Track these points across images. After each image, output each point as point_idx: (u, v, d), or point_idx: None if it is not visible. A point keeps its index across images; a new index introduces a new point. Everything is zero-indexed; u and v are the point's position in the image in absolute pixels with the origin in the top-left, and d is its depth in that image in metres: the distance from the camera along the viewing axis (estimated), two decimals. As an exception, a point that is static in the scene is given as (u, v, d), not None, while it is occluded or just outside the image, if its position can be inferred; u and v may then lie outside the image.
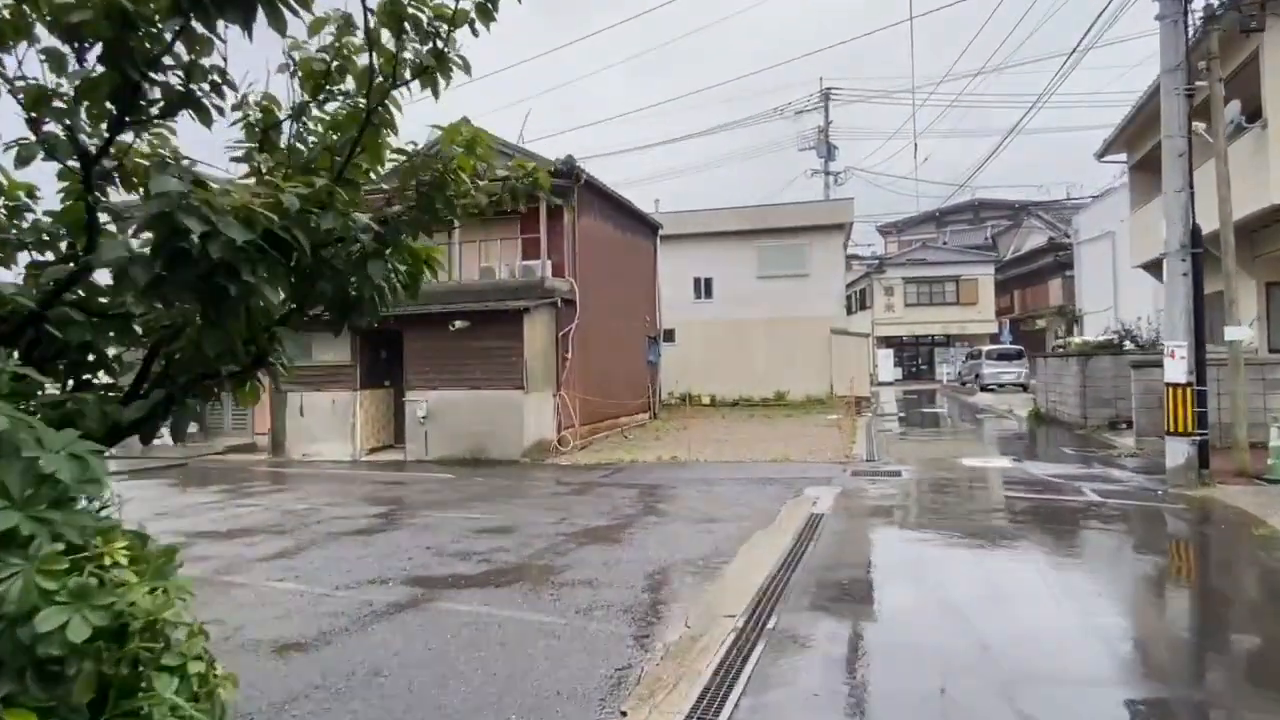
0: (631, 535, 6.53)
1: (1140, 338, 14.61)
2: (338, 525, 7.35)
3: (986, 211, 52.83)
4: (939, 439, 14.23)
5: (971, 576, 5.26)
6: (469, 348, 13.16)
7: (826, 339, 24.62)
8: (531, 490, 9.26)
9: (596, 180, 15.55)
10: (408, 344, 13.65)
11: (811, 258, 25.13)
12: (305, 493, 9.73)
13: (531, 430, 12.94)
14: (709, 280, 26.10)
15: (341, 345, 14.30)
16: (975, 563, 5.61)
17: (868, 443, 13.20)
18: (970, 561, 5.65)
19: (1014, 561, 5.62)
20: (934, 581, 5.10)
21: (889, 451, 12.18)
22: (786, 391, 24.67)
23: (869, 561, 5.82)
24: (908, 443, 13.71)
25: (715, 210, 26.09)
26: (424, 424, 13.41)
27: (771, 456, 11.70)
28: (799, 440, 13.88)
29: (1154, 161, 17.01)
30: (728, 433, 15.79)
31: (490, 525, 7.10)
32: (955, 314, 39.77)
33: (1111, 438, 12.77)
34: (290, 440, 14.61)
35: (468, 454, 13.08)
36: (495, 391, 12.95)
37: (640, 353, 19.12)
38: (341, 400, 14.25)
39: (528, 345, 12.89)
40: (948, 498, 8.11)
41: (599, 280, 16.06)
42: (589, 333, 15.33)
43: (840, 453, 11.86)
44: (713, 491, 8.86)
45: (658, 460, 11.84)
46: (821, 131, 35.16)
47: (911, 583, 5.15)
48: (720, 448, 13.18)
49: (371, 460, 13.79)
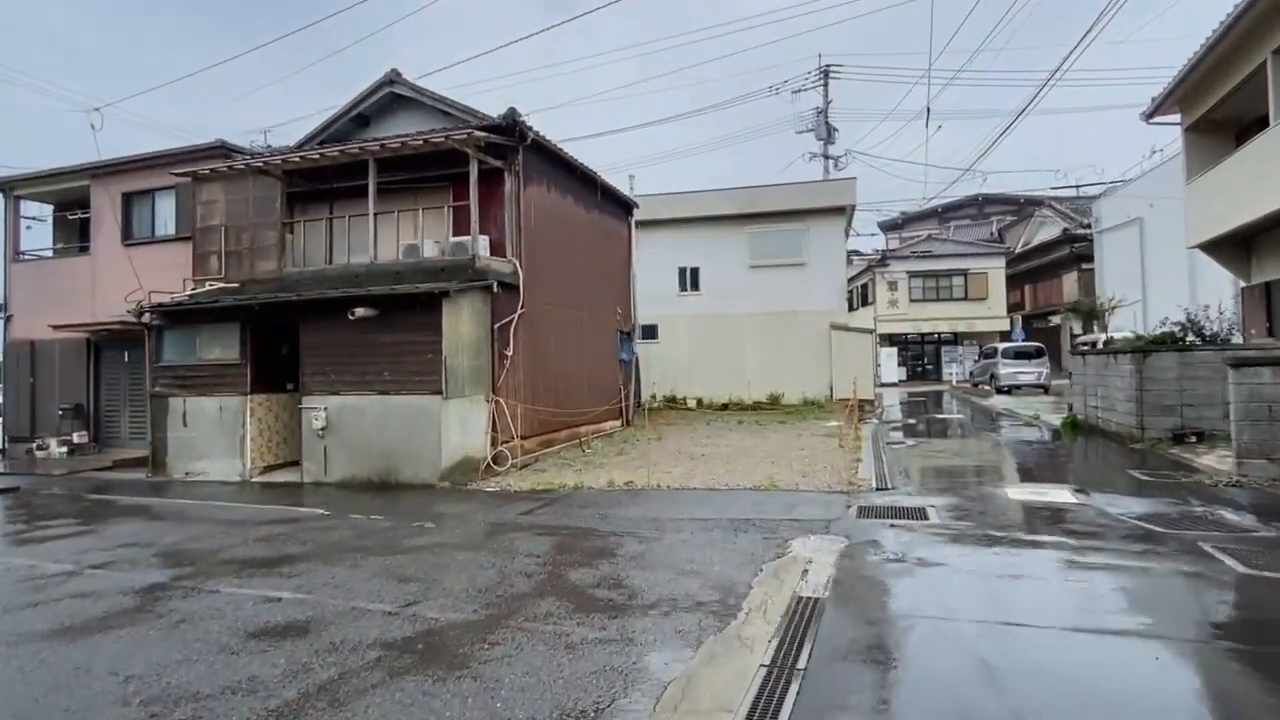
0: (488, 654, 3.86)
1: (1209, 329, 11.96)
2: (50, 615, 4.72)
3: (991, 206, 50.11)
4: (964, 455, 11.57)
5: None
6: (377, 343, 10.51)
7: (826, 335, 21.97)
8: (410, 541, 6.60)
9: (550, 142, 12.90)
10: (304, 337, 11.00)
11: (809, 245, 22.47)
12: (106, 538, 7.08)
13: (454, 446, 10.28)
14: (695, 270, 23.45)
15: (229, 339, 11.66)
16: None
17: (875, 461, 10.54)
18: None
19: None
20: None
21: (903, 473, 9.53)
22: (781, 394, 22.02)
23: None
24: (925, 460, 11.05)
25: (701, 192, 23.43)
26: (323, 437, 10.77)
27: (754, 481, 9.05)
28: (791, 456, 11.22)
29: (1217, 122, 14.48)
30: (707, 445, 13.13)
31: (284, 620, 4.45)
32: (964, 310, 37.03)
33: (1184, 455, 10.13)
34: (172, 455, 11.96)
35: (375, 475, 10.44)
36: (407, 397, 10.30)
37: (610, 350, 16.46)
38: (230, 408, 11.59)
39: (448, 339, 10.23)
40: (1007, 561, 5.46)
41: (555, 264, 13.42)
42: (540, 326, 12.69)
43: (841, 475, 9.21)
44: (661, 542, 6.22)
45: (609, 485, 9.20)
46: (820, 112, 32.45)
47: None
48: (693, 467, 10.53)
49: (265, 481, 11.15)
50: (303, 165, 12.05)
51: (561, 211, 13.92)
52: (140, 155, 14.84)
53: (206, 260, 12.95)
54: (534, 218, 12.54)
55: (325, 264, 12.53)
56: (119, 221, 15.00)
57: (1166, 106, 14.17)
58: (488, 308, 11.19)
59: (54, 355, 15.76)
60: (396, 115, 13.55)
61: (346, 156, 11.62)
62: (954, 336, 37.97)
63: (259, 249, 12.55)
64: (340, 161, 11.81)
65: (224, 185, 12.83)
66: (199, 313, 11.80)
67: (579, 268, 14.68)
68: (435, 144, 11.00)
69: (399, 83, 13.22)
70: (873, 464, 10.24)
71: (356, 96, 13.49)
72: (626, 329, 17.55)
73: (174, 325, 12.17)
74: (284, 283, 12.04)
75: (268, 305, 11.05)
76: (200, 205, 13.02)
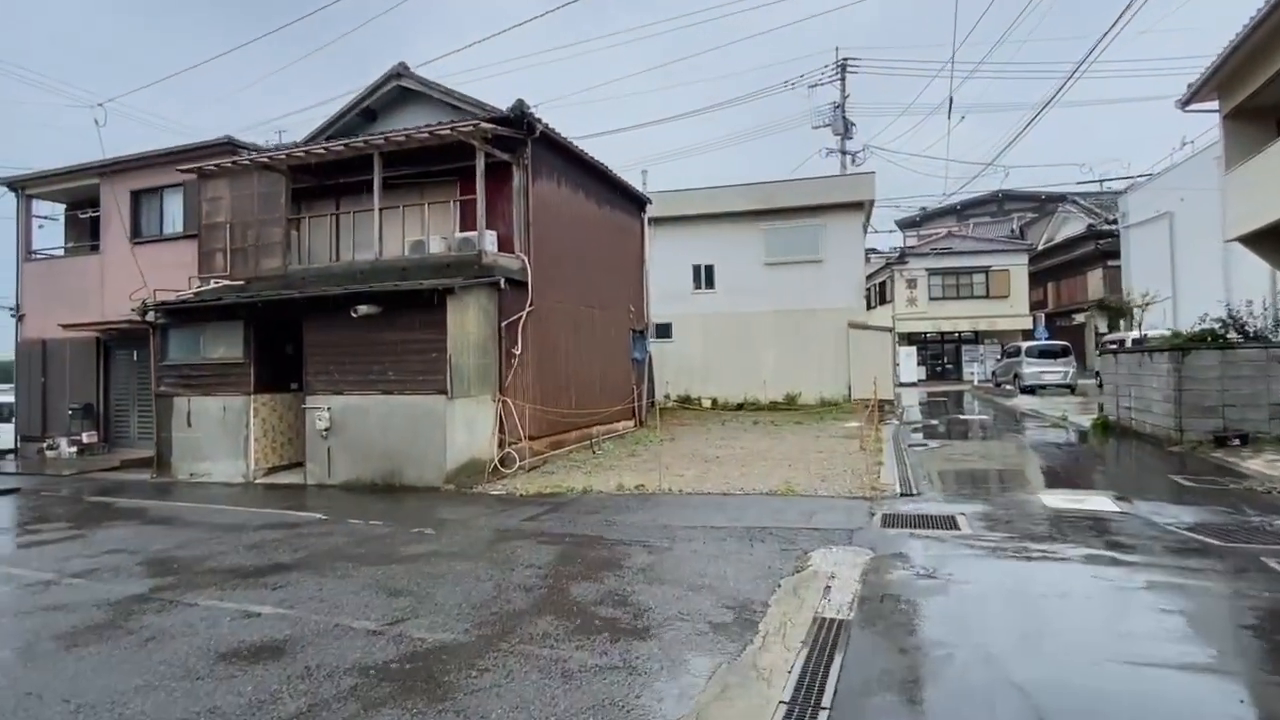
0: (475, 683, 3.50)
1: (1251, 326, 11.33)
2: (16, 631, 4.42)
3: (1012, 203, 49.06)
4: (991, 458, 11.05)
5: None
6: (381, 341, 10.21)
7: (844, 334, 21.44)
8: (407, 549, 6.26)
9: (559, 135, 12.54)
10: (308, 336, 10.73)
11: (827, 241, 21.94)
12: (93, 544, 6.82)
13: (459, 447, 9.95)
14: (710, 268, 23.00)
15: (233, 338, 11.43)
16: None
17: (898, 464, 10.07)
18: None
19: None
20: None
21: (928, 478, 9.06)
22: (798, 394, 21.52)
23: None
24: (950, 463, 10.56)
25: (716, 189, 22.97)
26: (326, 438, 10.49)
27: (770, 485, 8.63)
28: (809, 459, 10.77)
29: (1258, 109, 13.80)
30: (722, 446, 12.71)
31: (260, 639, 4.11)
32: (985, 308, 36.21)
33: (1228, 459, 9.56)
34: (177, 456, 11.76)
35: (379, 478, 10.14)
36: (411, 397, 9.99)
37: (622, 349, 16.09)
38: (234, 408, 11.36)
39: (453, 338, 9.90)
40: (1049, 578, 5.00)
41: (565, 260, 13.07)
42: (549, 324, 12.34)
43: (863, 479, 8.76)
44: (671, 552, 5.83)
45: (618, 489, 8.82)
46: (837, 106, 31.87)
47: None
48: (706, 469, 10.13)
49: (268, 483, 10.90)
50: (308, 160, 11.78)
51: (572, 206, 13.56)
52: (148, 153, 14.68)
53: (212, 258, 12.73)
54: (543, 213, 12.19)
55: (331, 261, 12.26)
56: (127, 220, 14.86)
57: (1204, 93, 13.52)
58: (494, 305, 10.86)
59: (65, 355, 15.66)
60: (404, 109, 13.25)
61: (351, 151, 11.34)
62: (974, 335, 37.18)
63: (264, 246, 12.31)
64: (345, 156, 11.54)
65: (229, 182, 12.60)
66: (202, 311, 11.58)
67: (590, 264, 14.32)
68: (441, 137, 10.68)
69: (406, 76, 12.92)
70: (896, 468, 9.77)
71: (363, 90, 13.21)
72: (639, 327, 17.17)
73: (178, 324, 11.96)
74: (289, 280, 11.78)
75: (271, 303, 10.79)
76: (205, 202, 12.80)
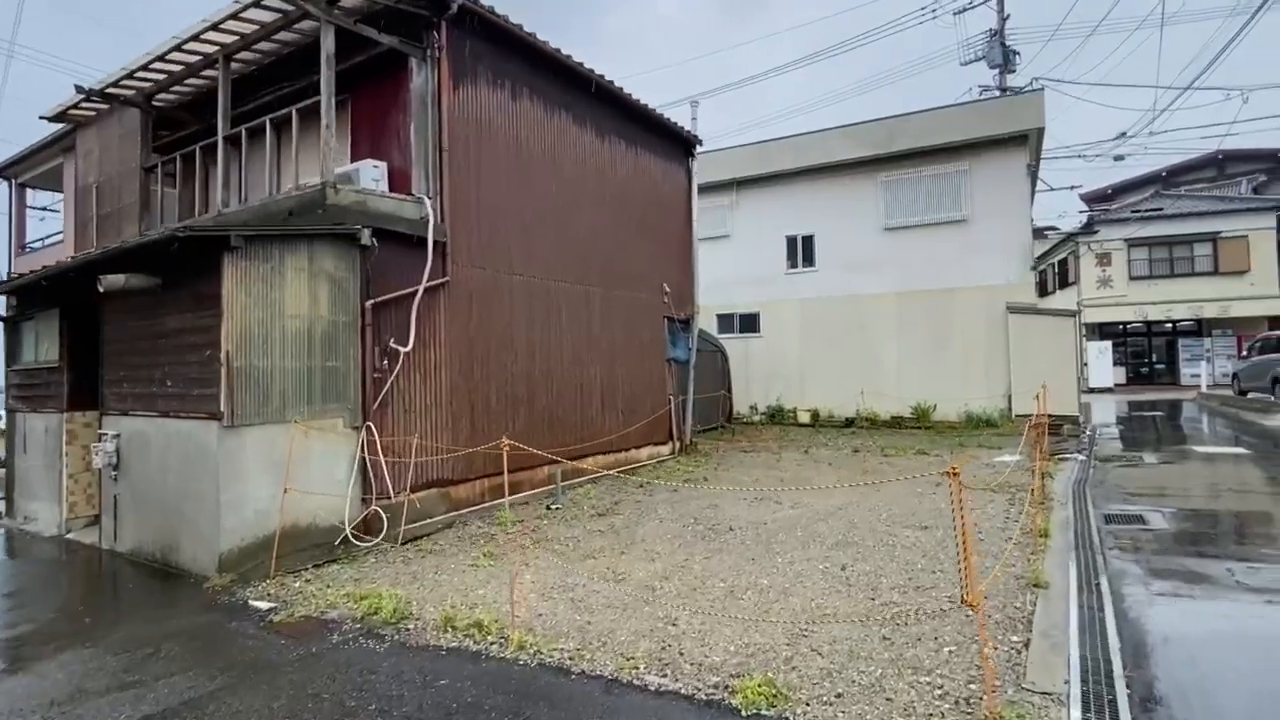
0: None
1: None
2: None
3: (1235, 165, 37.24)
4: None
5: None
6: (163, 332, 6.43)
7: (1000, 321, 15.25)
8: None
9: (506, 20, 8.19)
10: (105, 328, 7.23)
11: (973, 193, 15.80)
12: None
13: (252, 510, 5.84)
14: (808, 239, 17.60)
15: (50, 333, 8.23)
16: None
17: (1078, 599, 4.61)
18: None
19: None
20: None
21: (1163, 643, 3.65)
22: (932, 405, 15.57)
23: None
24: (1208, 593, 4.89)
25: (814, 134, 17.50)
26: (115, 480, 6.90)
27: (744, 657, 3.72)
28: (895, 543, 5.59)
29: None
30: (759, 503, 7.70)
31: None
32: (1212, 288, 26.75)
33: None
34: (18, 491, 8.83)
35: (158, 550, 6.36)
36: (184, 422, 6.09)
37: (649, 345, 11.42)
38: (51, 429, 8.16)
39: (235, 324, 5.83)
40: None
41: (526, 213, 8.71)
42: (490, 306, 8.06)
43: (988, 645, 3.59)
44: None
45: (445, 623, 4.29)
46: (994, 34, 24.81)
47: None
48: (681, 563, 5.31)
49: (74, 540, 7.55)
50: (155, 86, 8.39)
51: (542, 135, 9.15)
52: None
53: (86, 230, 9.80)
54: (477, 138, 7.91)
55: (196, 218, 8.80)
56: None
57: None
58: (353, 273, 6.71)
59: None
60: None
61: (186, 53, 7.75)
62: (1197, 325, 27.93)
63: (124, 208, 9.13)
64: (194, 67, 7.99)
65: (97, 131, 9.58)
66: (27, 294, 8.54)
67: (583, 222, 9.83)
68: (270, 6, 6.75)
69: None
70: (1074, 613, 4.33)
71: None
72: (682, 315, 12.37)
73: (20, 315, 9.05)
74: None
75: (57, 280, 7.41)
76: (80, 160, 9.91)
